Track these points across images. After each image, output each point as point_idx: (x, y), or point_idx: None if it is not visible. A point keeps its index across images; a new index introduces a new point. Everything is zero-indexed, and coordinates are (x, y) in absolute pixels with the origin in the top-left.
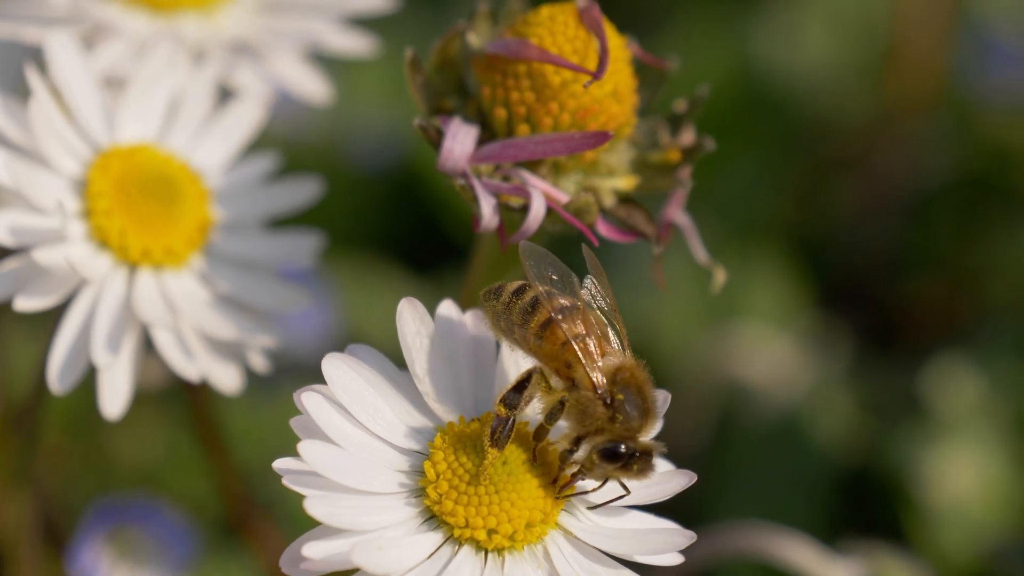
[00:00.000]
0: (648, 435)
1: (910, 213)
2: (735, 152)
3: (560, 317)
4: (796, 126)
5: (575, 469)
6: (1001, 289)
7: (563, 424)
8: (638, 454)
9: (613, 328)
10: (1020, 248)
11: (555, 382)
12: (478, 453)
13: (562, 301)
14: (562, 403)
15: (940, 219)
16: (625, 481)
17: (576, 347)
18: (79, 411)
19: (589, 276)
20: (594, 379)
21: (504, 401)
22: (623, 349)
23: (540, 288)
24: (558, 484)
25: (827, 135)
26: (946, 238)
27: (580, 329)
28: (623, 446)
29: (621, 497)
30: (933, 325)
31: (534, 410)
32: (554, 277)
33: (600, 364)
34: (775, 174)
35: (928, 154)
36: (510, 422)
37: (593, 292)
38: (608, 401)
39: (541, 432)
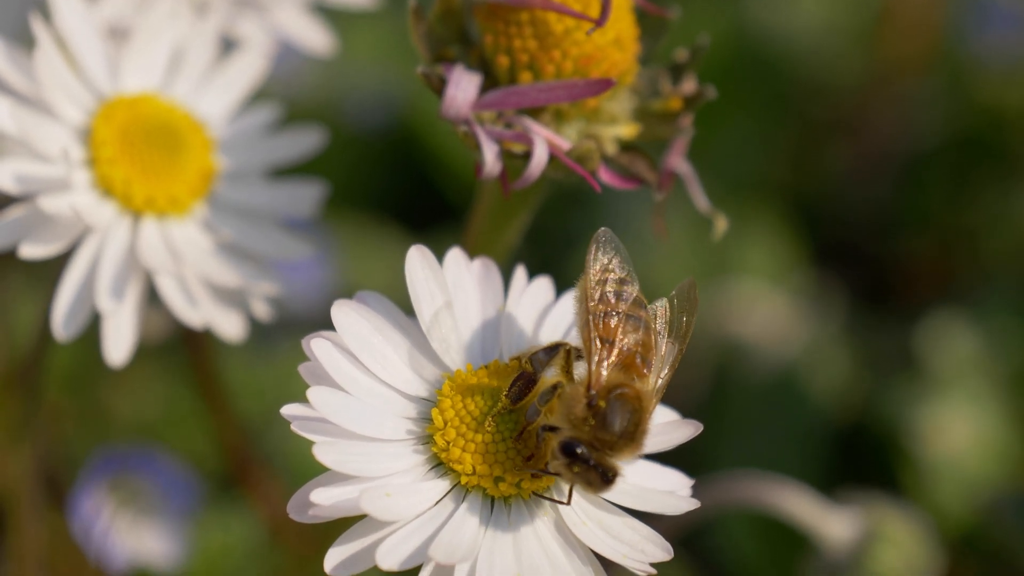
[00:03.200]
0: (622, 459)
1: (904, 173)
2: (730, 113)
3: (594, 317)
4: (790, 87)
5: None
6: (995, 247)
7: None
8: (592, 464)
9: (664, 353)
10: (1014, 207)
11: (580, 369)
12: (485, 401)
13: (601, 306)
14: (554, 387)
15: (934, 178)
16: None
17: (594, 346)
18: (78, 369)
19: (667, 300)
20: (592, 379)
21: (532, 360)
22: (658, 377)
23: (592, 287)
24: (532, 459)
25: (821, 95)
26: (940, 197)
27: (607, 335)
28: (582, 448)
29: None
30: (928, 283)
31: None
32: (618, 270)
33: (606, 371)
34: (769, 135)
35: (922, 114)
36: (530, 380)
37: (661, 314)
38: (590, 403)
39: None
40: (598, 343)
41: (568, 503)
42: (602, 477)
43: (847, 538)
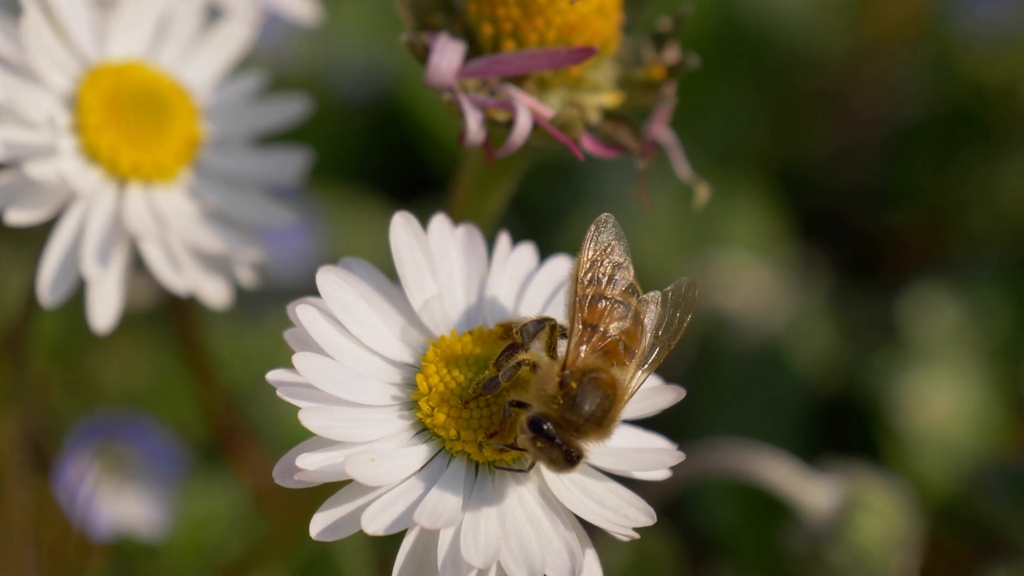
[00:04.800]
0: (588, 443)
1: (889, 147)
2: (714, 83)
3: (581, 299)
4: (776, 57)
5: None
6: (979, 221)
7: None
8: (557, 441)
9: (648, 346)
10: (998, 181)
11: (563, 348)
12: (470, 367)
13: (591, 289)
14: (518, 365)
15: (919, 153)
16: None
17: (576, 328)
18: (65, 337)
19: (660, 294)
20: (568, 358)
21: (521, 331)
22: (638, 368)
23: (584, 267)
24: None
25: (807, 68)
26: (925, 172)
27: (592, 319)
28: (548, 425)
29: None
30: (912, 256)
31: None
32: (615, 255)
33: (584, 353)
34: (754, 105)
35: (908, 88)
36: (517, 351)
37: (652, 307)
38: (562, 382)
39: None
40: (581, 325)
41: (527, 472)
42: (565, 456)
43: (828, 507)
